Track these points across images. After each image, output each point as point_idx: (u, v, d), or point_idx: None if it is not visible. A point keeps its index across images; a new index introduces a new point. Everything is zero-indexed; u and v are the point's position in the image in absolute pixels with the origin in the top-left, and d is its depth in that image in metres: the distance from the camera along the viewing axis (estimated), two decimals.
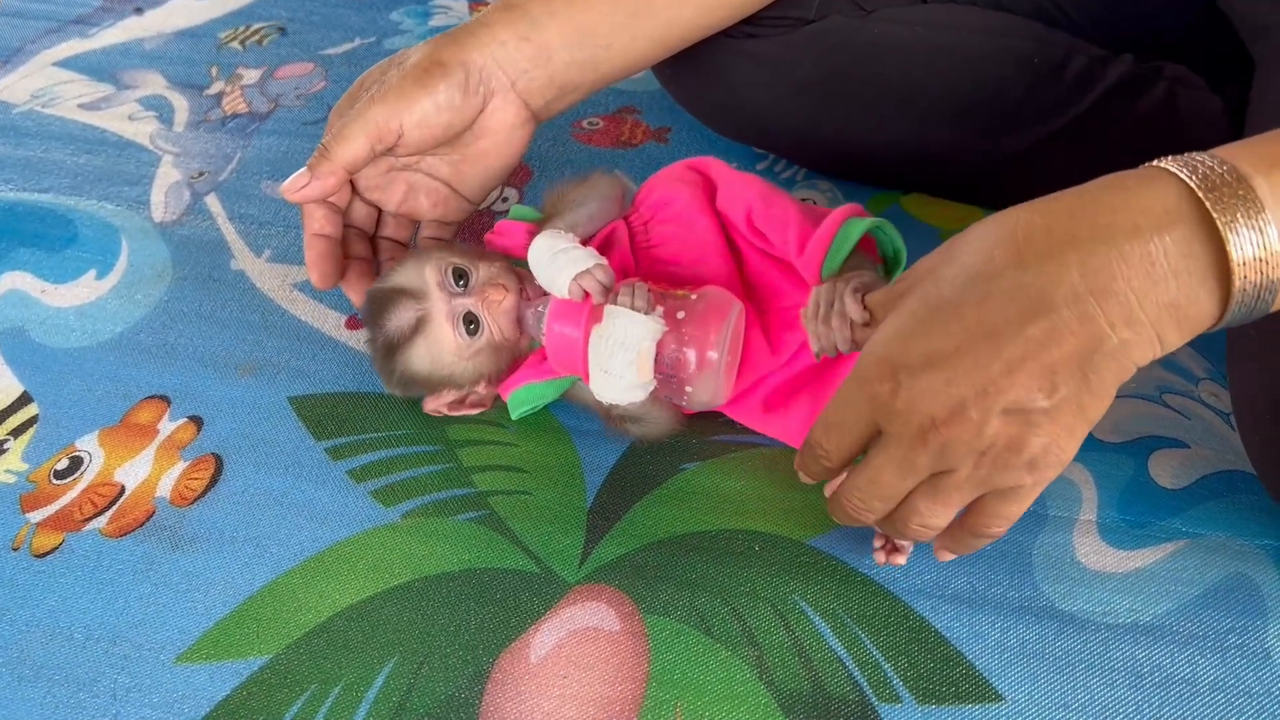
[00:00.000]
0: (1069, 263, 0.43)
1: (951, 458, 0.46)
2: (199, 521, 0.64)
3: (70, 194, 0.91)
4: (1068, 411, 0.45)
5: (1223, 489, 0.63)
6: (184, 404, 0.72)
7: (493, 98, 0.68)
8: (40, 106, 1.02)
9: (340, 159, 0.65)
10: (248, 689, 0.56)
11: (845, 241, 0.58)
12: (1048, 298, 0.43)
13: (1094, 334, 0.43)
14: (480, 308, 0.62)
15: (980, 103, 0.79)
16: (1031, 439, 0.45)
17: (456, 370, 0.64)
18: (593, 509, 0.64)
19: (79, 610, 0.60)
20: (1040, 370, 0.44)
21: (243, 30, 1.14)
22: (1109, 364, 0.44)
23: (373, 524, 0.64)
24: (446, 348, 0.63)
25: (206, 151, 0.95)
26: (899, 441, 0.47)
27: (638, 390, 0.60)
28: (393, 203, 0.71)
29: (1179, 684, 0.55)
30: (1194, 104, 0.78)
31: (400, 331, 0.62)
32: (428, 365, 0.64)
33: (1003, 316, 0.44)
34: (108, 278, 0.82)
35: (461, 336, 0.63)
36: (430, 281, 0.62)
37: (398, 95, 0.65)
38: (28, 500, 0.66)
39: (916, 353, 0.46)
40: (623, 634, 0.58)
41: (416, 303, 0.62)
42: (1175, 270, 0.42)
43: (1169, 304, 0.43)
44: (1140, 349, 0.44)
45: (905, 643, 0.57)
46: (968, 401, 0.45)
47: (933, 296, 0.47)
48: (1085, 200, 0.45)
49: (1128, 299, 0.42)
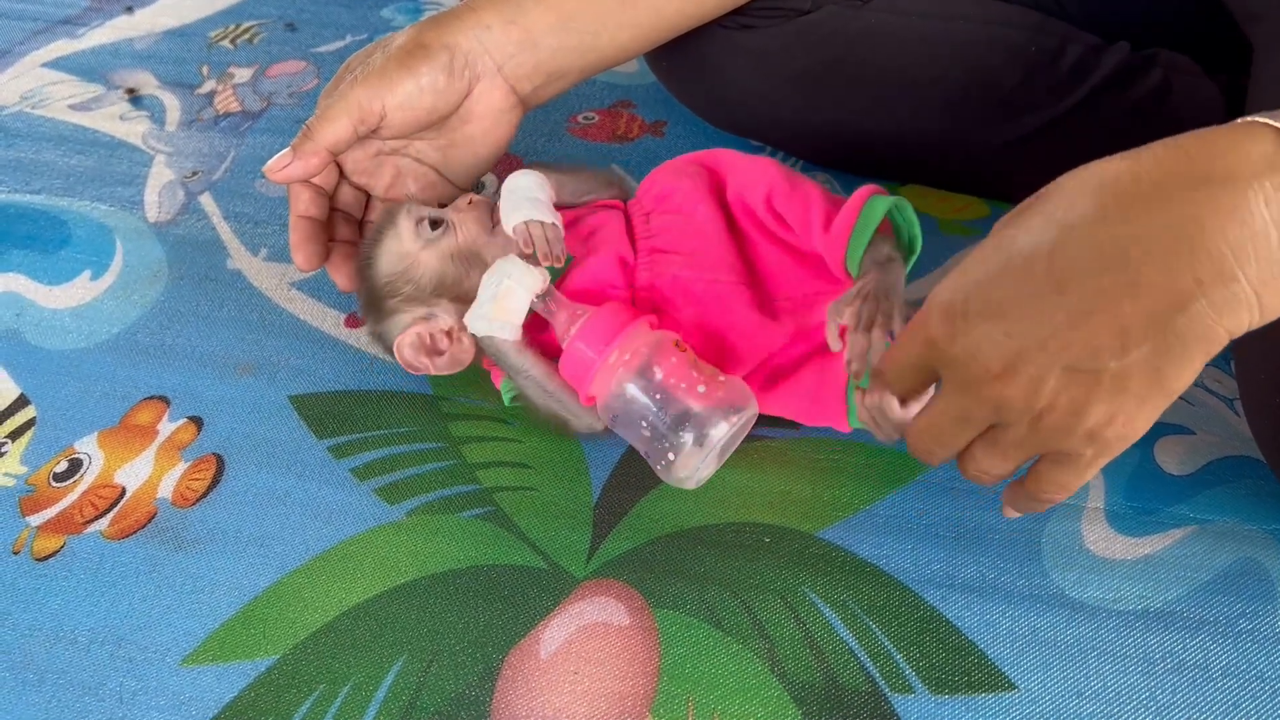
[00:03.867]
0: (1154, 211, 0.39)
1: (1007, 414, 0.44)
2: (201, 522, 0.64)
3: (63, 195, 0.90)
4: (1140, 377, 0.41)
5: (1230, 474, 0.63)
6: (184, 404, 0.71)
7: (478, 82, 0.67)
8: (30, 108, 1.01)
9: (323, 139, 0.65)
10: (255, 690, 0.56)
11: (870, 219, 0.58)
12: (1126, 248, 0.39)
13: (1179, 290, 0.38)
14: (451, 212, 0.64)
15: (975, 92, 0.79)
16: (1094, 404, 0.42)
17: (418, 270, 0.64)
18: (599, 504, 0.64)
19: (82, 613, 0.60)
20: (1110, 326, 0.40)
21: (233, 29, 1.13)
22: (1195, 327, 0.39)
23: (377, 522, 0.63)
24: (409, 247, 0.64)
25: (200, 151, 0.95)
26: (956, 390, 0.45)
27: (492, 325, 0.60)
28: (380, 187, 0.71)
29: (1191, 669, 0.55)
30: (1190, 90, 0.78)
31: (370, 235, 0.64)
32: (391, 267, 0.64)
33: (1074, 266, 0.40)
34: (103, 278, 0.81)
35: (421, 237, 0.63)
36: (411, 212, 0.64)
37: (380, 77, 0.64)
38: (27, 503, 0.66)
39: (979, 300, 0.43)
40: (632, 628, 0.58)
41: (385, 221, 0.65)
42: (1277, 221, 0.38)
43: (1269, 259, 0.38)
44: (1234, 312, 0.39)
45: (916, 633, 0.57)
46: (1026, 355, 0.41)
47: (1006, 243, 0.43)
48: (1177, 149, 0.41)
49: (1221, 252, 0.38)
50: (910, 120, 0.81)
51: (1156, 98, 0.77)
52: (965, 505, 0.63)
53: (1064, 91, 0.78)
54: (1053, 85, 0.78)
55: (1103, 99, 0.78)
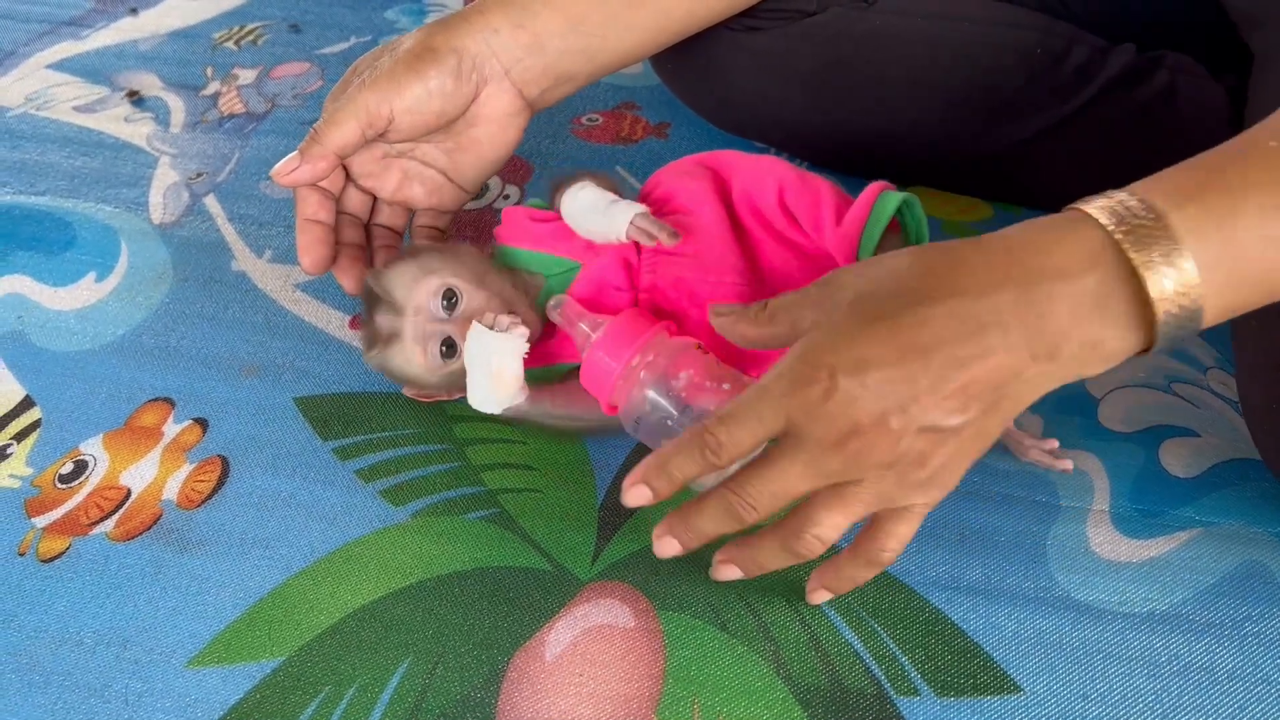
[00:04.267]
0: (1004, 297, 0.45)
1: (862, 466, 0.47)
2: (207, 524, 0.64)
3: (68, 196, 0.90)
4: (970, 434, 0.47)
5: (1235, 477, 0.63)
6: (188, 406, 0.71)
7: (486, 85, 0.67)
8: (35, 109, 1.01)
9: (330, 143, 0.65)
10: (261, 692, 0.56)
11: (882, 214, 0.59)
12: (982, 326, 0.45)
13: (1015, 364, 0.45)
14: (460, 336, 0.62)
15: (980, 93, 0.79)
16: (934, 456, 0.47)
17: (426, 380, 0.64)
18: (603, 506, 0.64)
19: (88, 615, 0.60)
20: (960, 391, 0.46)
21: (237, 30, 1.13)
22: (1020, 392, 0.47)
23: (383, 524, 0.63)
24: (418, 365, 0.63)
25: (204, 152, 0.95)
26: (815, 444, 0.47)
27: (500, 402, 0.61)
28: (387, 190, 0.71)
29: (1197, 672, 0.55)
30: (1196, 92, 0.78)
31: (377, 334, 0.63)
32: (403, 370, 0.64)
33: (938, 337, 0.46)
34: (108, 280, 0.82)
35: (434, 359, 0.62)
36: (414, 303, 0.62)
37: (389, 81, 0.64)
38: (33, 505, 0.66)
39: (852, 359, 0.46)
40: (637, 630, 0.58)
41: (395, 317, 0.62)
42: (1099, 308, 0.45)
43: (1091, 341, 0.45)
44: (1053, 381, 0.47)
45: (921, 635, 0.57)
46: (892, 412, 0.46)
47: (870, 310, 0.47)
48: (1021, 241, 0.47)
49: (1054, 336, 0.45)
50: (915, 121, 0.81)
51: (1162, 100, 0.77)
52: (969, 508, 0.63)
53: (1069, 93, 0.78)
54: (1058, 86, 0.78)
55: (1108, 100, 0.78)
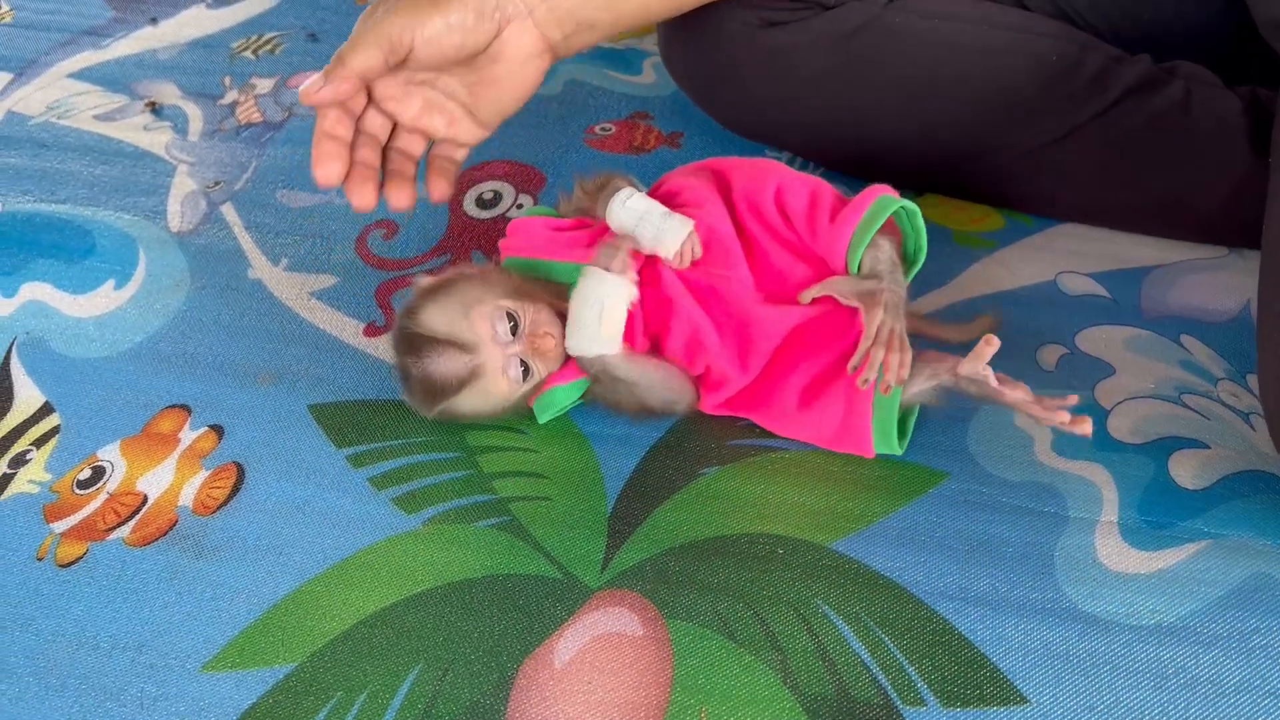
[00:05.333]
0: None
1: None
2: (222, 530, 0.65)
3: (87, 204, 0.91)
4: None
5: (1245, 489, 0.63)
6: (205, 413, 0.72)
7: (508, 24, 0.68)
8: (56, 118, 1.02)
9: (353, 66, 0.65)
10: (273, 697, 0.56)
11: (877, 215, 0.60)
12: None
13: None
14: (531, 355, 0.63)
15: (995, 96, 0.79)
16: None
17: (501, 408, 0.66)
18: (613, 514, 0.64)
19: (104, 619, 0.61)
20: None
21: (255, 39, 1.14)
22: None
23: (394, 531, 0.64)
24: (499, 394, 0.64)
25: (221, 161, 0.96)
26: None
27: (604, 344, 0.62)
28: (408, 116, 0.71)
29: (1204, 685, 0.55)
30: (1211, 103, 0.78)
31: (448, 381, 0.63)
32: (476, 408, 0.65)
33: None
34: (126, 288, 0.83)
35: (516, 382, 0.64)
36: (482, 334, 0.63)
37: (413, 10, 0.65)
38: (51, 510, 0.67)
39: None
40: (646, 639, 0.58)
41: (468, 355, 0.63)
42: None
43: None
44: None
45: (929, 646, 0.57)
46: None
47: None
48: None
49: None
50: (929, 124, 0.81)
51: (1178, 110, 0.77)
52: (978, 518, 0.63)
53: (1084, 100, 0.78)
54: (1073, 93, 0.78)
55: (1123, 109, 0.78)
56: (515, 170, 0.93)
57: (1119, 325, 0.74)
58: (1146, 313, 0.75)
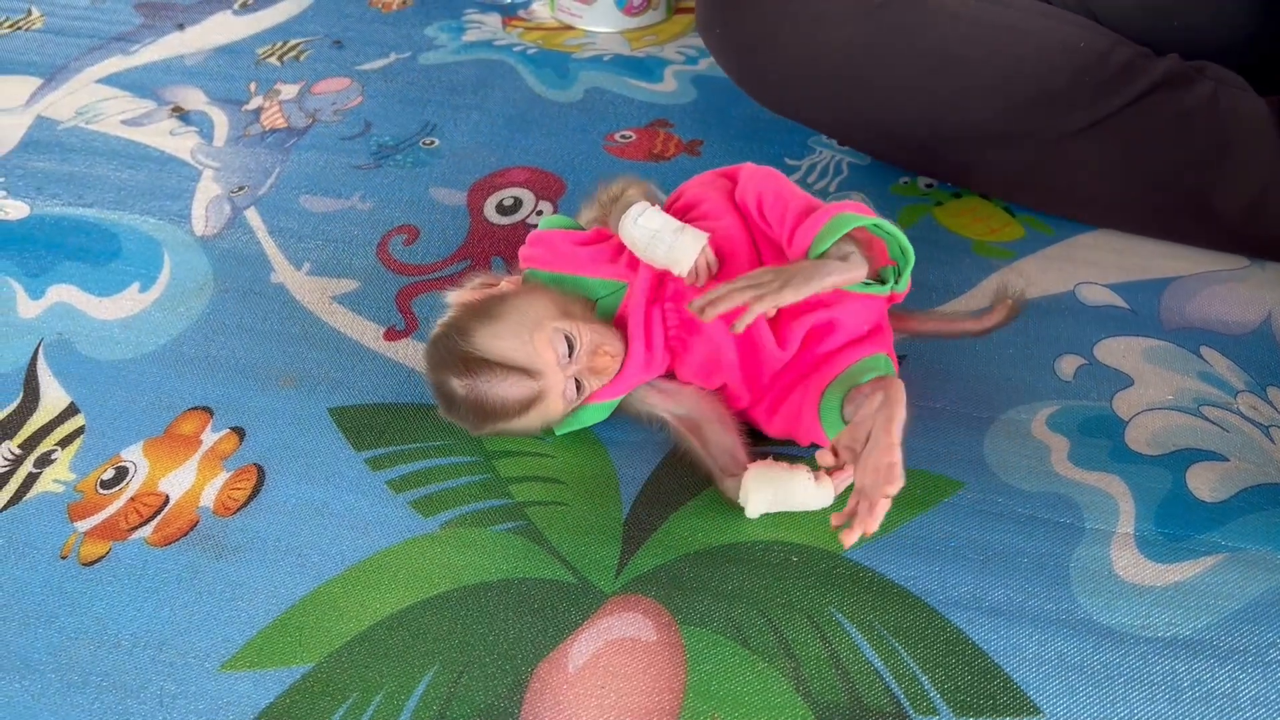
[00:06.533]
0: None
1: None
2: (242, 531, 0.66)
3: (114, 208, 0.92)
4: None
5: (1263, 503, 0.63)
6: (226, 415, 0.73)
7: None
8: (84, 123, 1.04)
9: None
10: (290, 696, 0.57)
11: (832, 233, 0.60)
12: None
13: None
14: (587, 374, 0.64)
15: (1023, 80, 0.79)
16: None
17: (545, 426, 0.66)
18: (628, 520, 0.65)
19: (126, 618, 0.62)
20: None
21: (280, 46, 1.15)
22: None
23: (412, 534, 0.65)
24: (555, 414, 0.65)
25: (246, 166, 0.97)
26: None
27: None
28: None
29: (1219, 699, 0.54)
30: (1238, 104, 0.78)
31: (511, 405, 0.63)
32: (528, 427, 0.65)
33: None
34: (151, 290, 0.84)
35: (571, 402, 0.65)
36: (548, 360, 0.62)
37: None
38: (75, 509, 0.68)
39: None
40: (660, 645, 0.58)
41: (534, 380, 0.62)
42: None
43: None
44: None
45: (942, 655, 0.57)
46: None
47: None
48: None
49: None
50: (957, 103, 0.81)
51: (1205, 107, 0.77)
52: (993, 528, 0.63)
53: (1112, 90, 0.78)
54: (1102, 82, 0.78)
55: (1151, 102, 0.78)
56: (535, 177, 0.93)
57: (1138, 336, 0.74)
58: (1165, 324, 0.75)
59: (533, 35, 1.16)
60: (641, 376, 0.66)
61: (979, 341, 0.74)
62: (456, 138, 0.99)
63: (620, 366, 0.65)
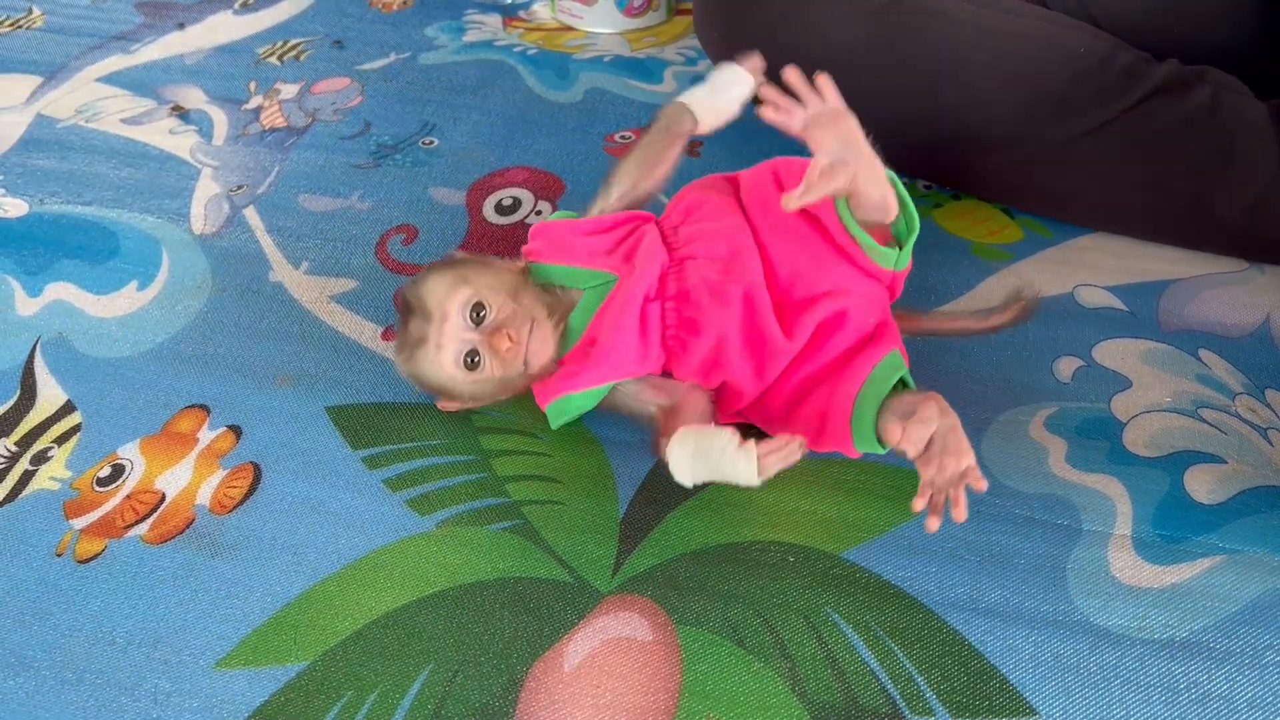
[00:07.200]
0: None
1: None
2: (238, 529, 0.65)
3: (113, 206, 0.92)
4: None
5: (1261, 505, 0.63)
6: (223, 413, 0.73)
7: None
8: (84, 121, 1.04)
9: None
10: (285, 695, 0.57)
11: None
12: None
13: None
14: (485, 348, 0.64)
15: (1025, 85, 0.79)
16: None
17: (453, 389, 0.66)
18: (625, 519, 0.65)
19: (121, 615, 0.61)
20: None
21: (281, 45, 1.15)
22: None
23: (408, 532, 0.65)
24: (445, 370, 0.65)
25: (245, 165, 0.97)
26: None
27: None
28: None
29: (1216, 701, 0.54)
30: (1238, 108, 0.78)
31: (406, 338, 0.65)
32: (429, 374, 0.65)
33: None
34: (149, 289, 0.84)
35: (459, 369, 0.64)
36: (448, 310, 0.63)
37: None
38: (71, 507, 0.68)
39: None
40: (655, 644, 0.58)
41: (425, 323, 0.64)
42: None
43: None
44: None
45: (938, 655, 0.57)
46: None
47: None
48: None
49: None
50: (958, 107, 0.81)
51: (1206, 112, 0.77)
52: (990, 529, 0.63)
53: (1114, 95, 0.78)
54: (1103, 87, 0.78)
55: (1152, 107, 0.78)
56: (534, 177, 0.93)
57: (1136, 338, 0.74)
58: (1164, 326, 0.75)
59: (533, 36, 1.16)
60: (632, 369, 0.65)
61: (977, 343, 0.74)
62: (456, 138, 0.99)
63: (520, 356, 0.64)
